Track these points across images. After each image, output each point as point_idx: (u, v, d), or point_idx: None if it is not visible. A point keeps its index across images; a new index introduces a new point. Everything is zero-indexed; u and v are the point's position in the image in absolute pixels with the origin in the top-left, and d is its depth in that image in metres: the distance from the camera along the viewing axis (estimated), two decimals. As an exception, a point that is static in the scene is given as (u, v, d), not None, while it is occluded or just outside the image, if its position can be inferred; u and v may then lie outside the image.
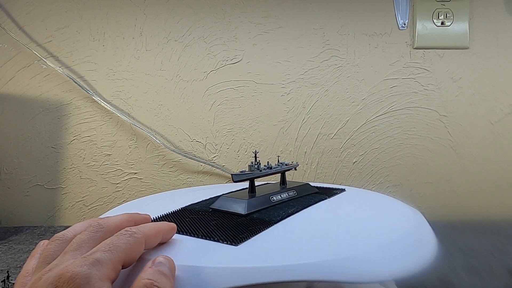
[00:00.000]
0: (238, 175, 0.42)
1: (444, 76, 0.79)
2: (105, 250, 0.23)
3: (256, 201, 0.41)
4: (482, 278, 0.42)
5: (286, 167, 0.48)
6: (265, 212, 0.39)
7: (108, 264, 0.22)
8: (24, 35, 0.76)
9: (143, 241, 0.26)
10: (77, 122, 0.77)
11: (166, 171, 0.78)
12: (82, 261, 0.21)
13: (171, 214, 0.40)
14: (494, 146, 0.80)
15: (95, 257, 0.22)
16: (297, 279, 0.26)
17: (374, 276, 0.28)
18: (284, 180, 0.49)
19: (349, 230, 0.34)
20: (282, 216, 0.37)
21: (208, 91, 0.78)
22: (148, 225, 0.28)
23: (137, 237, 0.25)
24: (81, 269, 0.21)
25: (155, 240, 0.28)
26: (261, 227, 0.34)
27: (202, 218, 0.38)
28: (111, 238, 0.24)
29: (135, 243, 0.25)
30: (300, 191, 0.47)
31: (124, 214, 0.30)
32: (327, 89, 0.79)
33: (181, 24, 0.78)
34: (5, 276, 0.44)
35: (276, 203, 0.42)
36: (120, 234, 0.25)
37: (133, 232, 0.25)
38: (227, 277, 0.25)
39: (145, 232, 0.26)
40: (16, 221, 0.77)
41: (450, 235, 0.37)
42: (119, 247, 0.23)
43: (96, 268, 0.21)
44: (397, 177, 0.80)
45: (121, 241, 0.24)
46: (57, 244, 0.25)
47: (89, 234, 0.25)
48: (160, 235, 0.28)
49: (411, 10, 0.79)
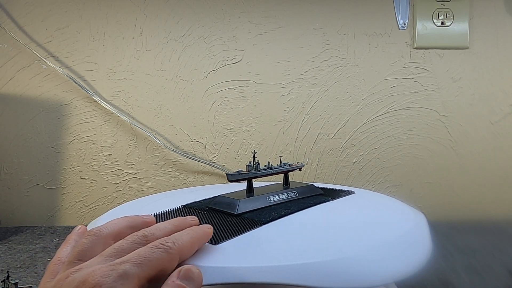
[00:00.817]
0: (233, 174, 0.42)
1: (444, 76, 0.79)
2: (136, 263, 0.22)
3: (251, 201, 0.40)
4: (482, 278, 0.42)
5: (288, 167, 0.48)
6: (259, 213, 0.38)
7: (134, 280, 0.21)
8: (24, 35, 0.76)
9: (177, 257, 0.24)
10: (77, 122, 0.77)
11: (166, 171, 0.78)
12: (110, 270, 0.21)
13: (169, 212, 0.40)
14: (494, 146, 0.80)
15: (123, 269, 0.21)
16: (263, 281, 0.25)
17: (351, 283, 0.27)
18: (287, 180, 0.48)
19: (338, 234, 0.34)
20: (273, 217, 0.37)
21: (208, 91, 0.78)
22: (186, 235, 0.26)
23: (172, 253, 0.24)
24: (106, 280, 0.20)
25: (190, 252, 0.26)
26: (248, 227, 0.34)
27: (200, 217, 0.38)
28: (144, 249, 0.23)
29: (168, 259, 0.23)
30: (302, 192, 0.46)
31: (173, 221, 0.28)
32: (327, 89, 0.79)
33: (181, 24, 0.78)
34: (5, 276, 0.44)
35: (273, 204, 0.41)
36: (155, 247, 0.23)
37: (168, 247, 0.24)
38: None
39: (180, 246, 0.25)
40: (16, 221, 0.77)
41: (450, 235, 0.37)
42: (151, 262, 0.22)
43: (121, 281, 0.21)
44: (397, 177, 0.80)
45: (154, 256, 0.23)
46: (92, 240, 0.25)
47: (131, 245, 0.24)
48: (196, 246, 0.27)
49: (411, 10, 0.79)
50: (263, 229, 0.34)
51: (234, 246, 0.29)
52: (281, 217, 0.37)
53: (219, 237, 0.31)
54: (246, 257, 0.28)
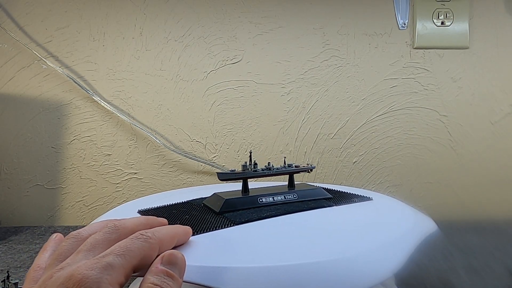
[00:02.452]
0: (224, 173, 0.42)
1: (444, 76, 0.79)
2: (118, 254, 0.22)
3: (238, 200, 0.40)
4: (482, 278, 0.42)
5: (289, 169, 0.45)
6: (242, 213, 0.38)
7: (119, 269, 0.22)
8: (24, 35, 0.76)
9: (157, 247, 0.25)
10: (77, 122, 0.77)
11: (166, 171, 0.78)
12: (94, 263, 0.21)
13: (166, 207, 0.42)
14: (494, 146, 0.80)
15: (107, 261, 0.22)
16: (186, 280, 0.25)
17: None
18: (292, 182, 0.46)
19: (307, 239, 0.32)
20: (250, 218, 0.36)
21: (208, 91, 0.78)
22: (164, 228, 0.28)
23: (152, 242, 0.24)
24: (92, 272, 0.20)
25: (170, 244, 0.27)
26: (217, 226, 0.34)
27: (185, 211, 0.40)
28: (125, 241, 0.24)
29: (149, 248, 0.24)
30: (303, 195, 0.44)
31: (141, 217, 0.29)
32: (327, 89, 0.79)
33: (181, 24, 0.78)
34: (5, 276, 0.44)
35: (263, 205, 0.41)
36: (135, 238, 0.24)
37: (148, 237, 0.25)
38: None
39: (160, 237, 0.25)
40: (16, 221, 0.77)
41: (450, 235, 0.37)
42: (133, 251, 0.23)
43: (107, 272, 0.21)
44: (397, 177, 0.80)
45: (135, 246, 0.24)
46: (72, 242, 0.25)
47: (104, 235, 0.25)
48: (175, 239, 0.28)
49: (411, 10, 0.79)
50: (234, 229, 0.34)
51: (189, 244, 0.30)
52: (260, 219, 0.37)
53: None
54: (195, 257, 0.27)
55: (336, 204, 0.43)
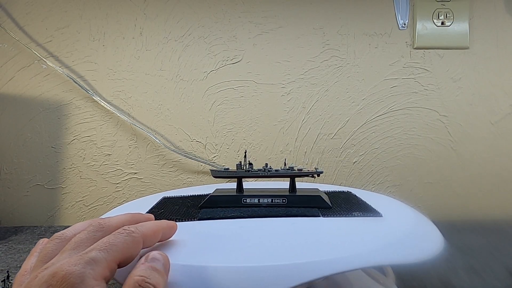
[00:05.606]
0: (217, 171, 0.44)
1: (444, 76, 0.79)
2: (101, 249, 0.23)
3: (221, 198, 0.42)
4: (482, 278, 0.42)
5: (288, 172, 0.43)
6: (215, 210, 0.40)
7: (103, 263, 0.22)
8: (24, 35, 0.76)
9: (141, 240, 0.25)
10: (77, 122, 0.77)
11: (166, 171, 0.78)
12: (77, 259, 0.21)
13: (164, 202, 0.45)
14: (494, 146, 0.80)
15: (90, 256, 0.22)
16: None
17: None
18: (293, 186, 0.43)
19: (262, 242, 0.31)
20: (213, 216, 0.38)
21: (208, 91, 0.78)
22: (147, 223, 0.28)
23: (135, 236, 0.25)
24: (75, 268, 0.21)
25: (154, 239, 0.28)
26: (183, 219, 0.37)
27: (174, 203, 0.43)
28: (108, 236, 0.24)
29: (133, 242, 0.24)
30: (294, 201, 0.41)
31: (127, 214, 0.29)
32: (327, 89, 0.79)
33: (181, 24, 0.78)
34: (5, 276, 0.44)
35: (245, 205, 0.41)
36: (118, 233, 0.24)
37: (131, 231, 0.25)
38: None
39: (143, 231, 0.26)
40: (16, 221, 0.77)
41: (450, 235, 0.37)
42: (116, 246, 0.23)
43: (90, 267, 0.21)
44: (397, 177, 0.80)
45: (118, 240, 0.24)
46: (56, 243, 0.25)
47: (89, 234, 0.25)
48: (160, 234, 0.28)
49: (411, 10, 0.79)
50: (194, 224, 0.36)
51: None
52: (226, 218, 0.38)
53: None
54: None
55: (327, 215, 0.38)
